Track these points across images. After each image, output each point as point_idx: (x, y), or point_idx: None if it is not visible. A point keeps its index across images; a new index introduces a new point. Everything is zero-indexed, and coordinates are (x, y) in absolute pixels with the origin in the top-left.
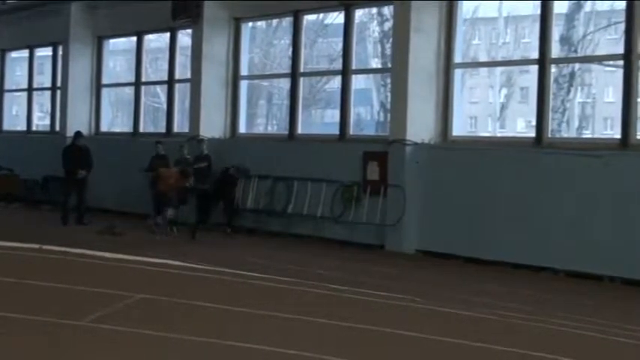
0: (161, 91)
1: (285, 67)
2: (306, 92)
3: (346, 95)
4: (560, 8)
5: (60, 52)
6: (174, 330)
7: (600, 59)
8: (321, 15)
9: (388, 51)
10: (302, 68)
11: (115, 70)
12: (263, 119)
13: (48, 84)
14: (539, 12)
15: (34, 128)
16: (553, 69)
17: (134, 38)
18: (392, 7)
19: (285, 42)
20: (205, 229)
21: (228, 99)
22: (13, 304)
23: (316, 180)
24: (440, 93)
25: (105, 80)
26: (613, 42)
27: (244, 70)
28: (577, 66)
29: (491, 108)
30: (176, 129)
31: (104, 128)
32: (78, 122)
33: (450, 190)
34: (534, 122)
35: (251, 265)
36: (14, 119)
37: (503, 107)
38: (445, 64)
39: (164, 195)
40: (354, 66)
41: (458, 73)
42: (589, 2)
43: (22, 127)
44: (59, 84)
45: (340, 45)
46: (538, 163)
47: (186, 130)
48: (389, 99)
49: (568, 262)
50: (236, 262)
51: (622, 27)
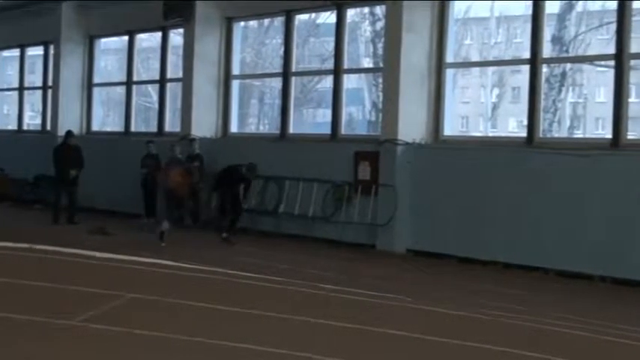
0: (153, 91)
1: (276, 67)
2: (297, 92)
3: (338, 95)
4: (551, 8)
5: (51, 52)
6: (164, 330)
7: (592, 59)
8: (313, 14)
9: (380, 51)
10: (294, 68)
11: (107, 70)
12: (255, 119)
13: (39, 83)
14: (530, 12)
15: (25, 127)
16: (544, 69)
17: (126, 37)
18: (384, 7)
19: (276, 41)
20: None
21: (219, 98)
22: (3, 304)
23: (308, 180)
24: (431, 93)
25: (96, 79)
26: (604, 42)
27: (236, 70)
28: (568, 66)
29: (482, 108)
30: (167, 128)
31: (95, 127)
32: (69, 121)
33: (441, 190)
34: (526, 122)
35: (242, 265)
36: (5, 118)
37: (494, 107)
38: (437, 64)
39: (174, 194)
40: (346, 65)
41: (449, 73)
42: (580, 2)
43: (13, 127)
44: (50, 83)
45: (332, 44)
46: (529, 163)
47: (177, 130)
48: (380, 99)
49: (559, 262)
50: (227, 262)
51: (613, 27)
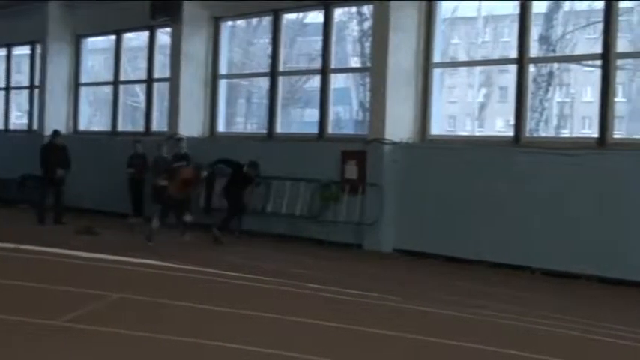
0: (140, 90)
1: (264, 66)
2: (285, 91)
3: (325, 94)
4: (538, 8)
5: (38, 51)
6: (151, 329)
7: (578, 59)
8: (301, 14)
9: (367, 50)
10: (281, 67)
11: (94, 69)
12: (242, 118)
13: (26, 83)
14: (517, 12)
15: (12, 127)
16: (532, 68)
17: (113, 37)
18: (371, 7)
19: (264, 41)
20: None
21: (207, 98)
22: None
23: (295, 179)
24: (419, 92)
25: (83, 79)
26: (591, 42)
27: (223, 69)
28: (555, 65)
29: (470, 107)
30: (155, 128)
31: (82, 127)
32: (56, 121)
33: (428, 190)
34: (513, 121)
35: (229, 265)
36: None
37: (482, 107)
38: (424, 64)
39: (180, 200)
40: (334, 65)
41: (437, 73)
42: (568, 2)
43: (0, 126)
44: (37, 83)
45: (319, 44)
46: (516, 163)
47: (164, 129)
48: (368, 98)
49: (545, 261)
50: (214, 262)
51: (600, 27)
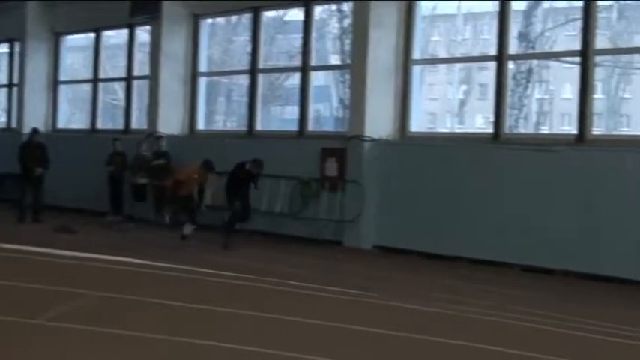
0: (119, 88)
1: (244, 64)
2: (265, 89)
3: (305, 92)
4: (518, 5)
5: (17, 49)
6: (131, 328)
7: (557, 56)
8: (281, 11)
9: (347, 47)
10: (261, 65)
11: (73, 67)
12: (222, 116)
13: (4, 81)
14: (497, 9)
15: None
16: (511, 65)
17: (92, 35)
18: (351, 4)
19: (244, 38)
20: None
21: (186, 96)
22: None
23: (275, 176)
24: (399, 89)
25: (62, 77)
26: (570, 39)
27: (203, 67)
28: (535, 62)
29: (449, 104)
30: (134, 126)
31: (61, 125)
32: (35, 119)
33: (408, 186)
34: (492, 118)
35: (209, 263)
36: None
37: (461, 103)
38: (404, 61)
39: (188, 198)
40: (314, 62)
41: (417, 70)
42: None
43: None
44: (16, 81)
45: (299, 41)
46: (495, 159)
47: (144, 127)
48: (348, 95)
49: (524, 257)
50: (194, 260)
51: (579, 24)
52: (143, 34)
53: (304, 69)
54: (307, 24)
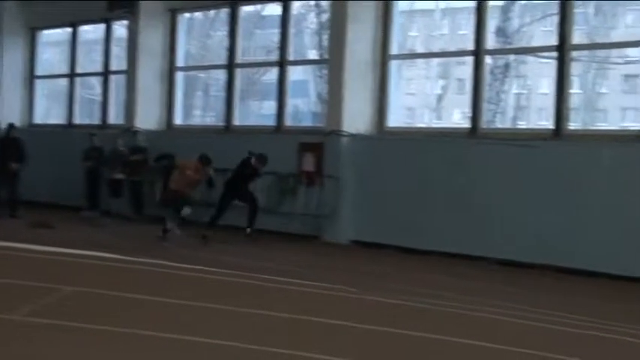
0: (97, 83)
1: (222, 59)
2: (243, 84)
3: (283, 86)
4: (495, 0)
5: None
6: (105, 322)
7: (534, 50)
8: (259, 6)
9: (325, 42)
10: (239, 59)
11: (49, 62)
12: (200, 111)
13: None
14: (474, 4)
15: None
16: (488, 60)
17: (69, 29)
18: None
19: (222, 33)
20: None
21: (164, 90)
22: None
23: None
24: (376, 84)
25: (39, 72)
26: (548, 34)
27: (180, 62)
28: (512, 57)
29: (427, 99)
30: (111, 121)
31: (38, 120)
32: (11, 114)
33: (386, 181)
34: (470, 113)
35: (185, 257)
36: None
37: (439, 98)
38: (382, 56)
39: (183, 195)
40: (291, 57)
41: (394, 65)
42: None
43: None
44: None
45: (278, 36)
46: (473, 154)
47: (121, 122)
48: (326, 90)
49: (502, 251)
50: (170, 255)
51: (556, 19)
52: (120, 29)
53: (282, 64)
54: (285, 19)
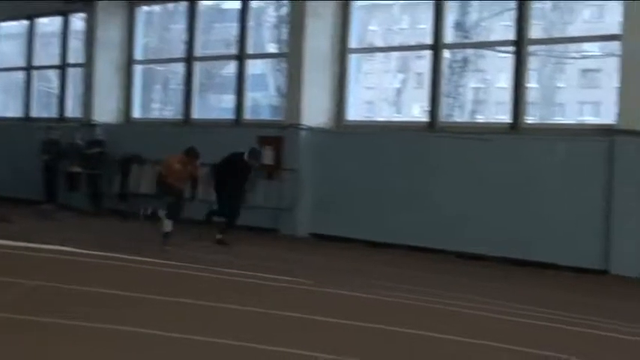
0: (54, 76)
1: (181, 52)
2: (202, 77)
3: (242, 80)
4: None
5: None
6: (68, 317)
7: (492, 45)
8: (218, 0)
9: (284, 36)
10: (198, 53)
11: (6, 55)
12: (158, 104)
13: None
14: None
15: None
16: (447, 54)
17: (26, 22)
18: None
19: (181, 27)
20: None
21: (122, 84)
22: None
23: (212, 164)
24: (335, 78)
25: None
26: (506, 28)
27: (139, 55)
28: (470, 52)
29: (386, 93)
30: (69, 114)
31: None
32: None
33: (345, 175)
34: (428, 107)
35: (144, 251)
36: None
37: (398, 92)
38: (341, 49)
39: (179, 192)
40: (250, 51)
41: (353, 59)
42: None
43: None
44: None
45: (236, 30)
46: (431, 147)
47: (79, 116)
48: (285, 84)
49: (459, 244)
50: (129, 248)
51: (514, 14)
52: (78, 22)
53: (241, 57)
54: (244, 12)
